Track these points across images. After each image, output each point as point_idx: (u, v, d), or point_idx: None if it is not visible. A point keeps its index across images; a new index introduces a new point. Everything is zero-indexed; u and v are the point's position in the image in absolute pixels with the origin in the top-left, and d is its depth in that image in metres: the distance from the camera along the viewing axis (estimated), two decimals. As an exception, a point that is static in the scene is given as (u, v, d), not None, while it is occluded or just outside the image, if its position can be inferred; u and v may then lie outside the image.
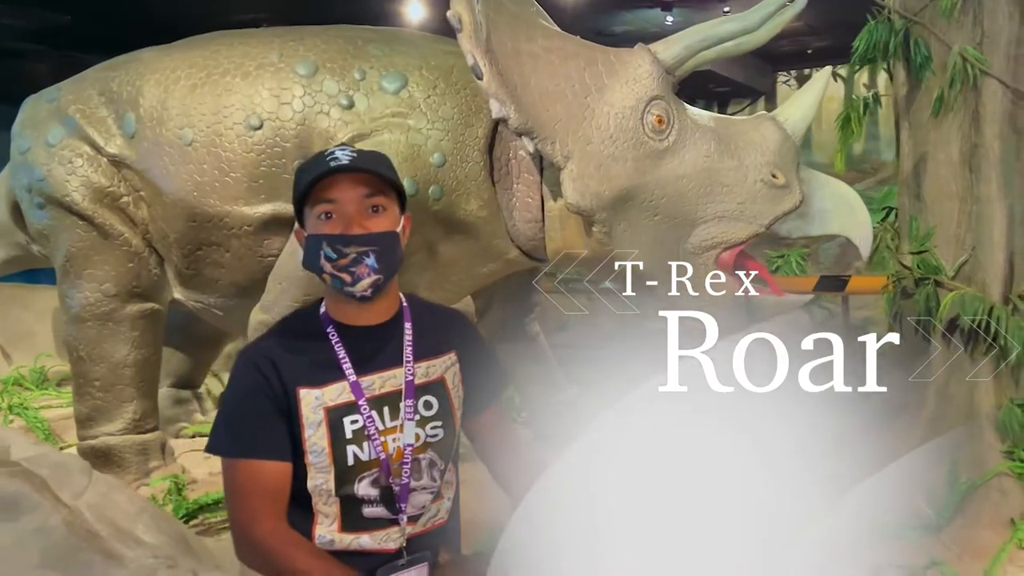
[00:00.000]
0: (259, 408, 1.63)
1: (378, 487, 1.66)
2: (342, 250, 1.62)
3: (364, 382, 1.67)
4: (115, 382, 4.21)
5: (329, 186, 1.63)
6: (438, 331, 1.79)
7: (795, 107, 3.82)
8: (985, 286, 4.19)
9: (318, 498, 1.64)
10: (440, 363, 1.75)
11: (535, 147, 3.49)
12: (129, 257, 4.15)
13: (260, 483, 1.61)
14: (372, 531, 1.66)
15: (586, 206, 3.52)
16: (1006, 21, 4.12)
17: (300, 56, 3.91)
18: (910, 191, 4.51)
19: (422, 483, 1.69)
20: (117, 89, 4.14)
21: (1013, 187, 4.18)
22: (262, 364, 1.66)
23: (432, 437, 1.70)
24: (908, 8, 4.34)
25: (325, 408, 1.63)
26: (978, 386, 4.21)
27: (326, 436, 1.63)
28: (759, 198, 3.63)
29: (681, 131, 3.64)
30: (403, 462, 1.66)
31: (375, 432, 1.65)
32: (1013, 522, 3.76)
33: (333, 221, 1.64)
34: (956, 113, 4.24)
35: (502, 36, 3.55)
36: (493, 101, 3.42)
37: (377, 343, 1.71)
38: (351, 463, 1.63)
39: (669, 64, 3.65)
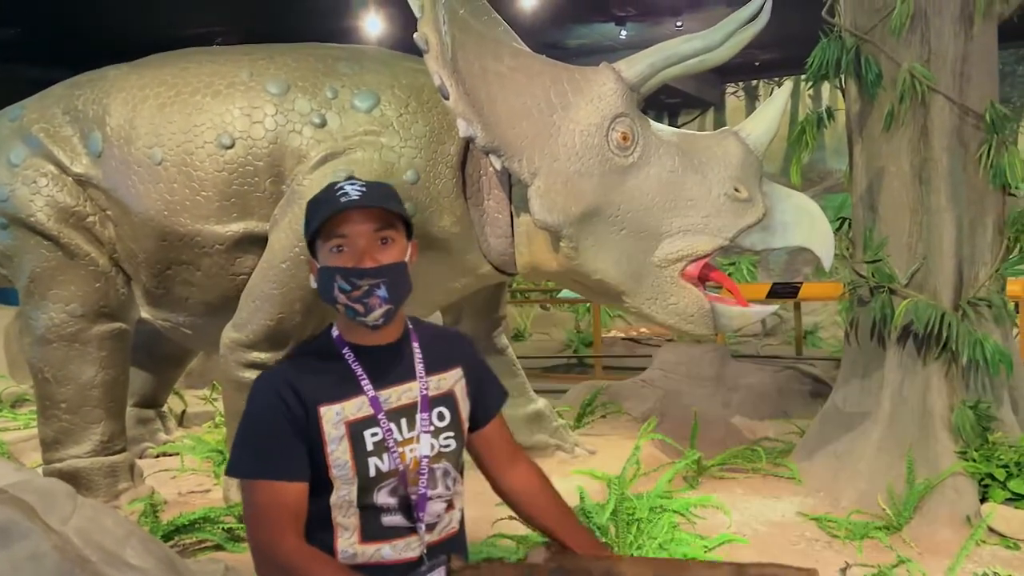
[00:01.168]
0: (278, 430, 1.66)
1: (396, 496, 1.71)
2: (355, 282, 1.67)
3: (381, 396, 1.74)
4: (82, 404, 4.14)
5: (341, 221, 1.68)
6: (443, 348, 1.86)
7: (757, 122, 3.88)
8: (936, 293, 4.38)
9: (339, 511, 1.69)
10: (449, 377, 1.83)
11: (502, 164, 3.56)
12: (96, 277, 4.09)
13: (281, 503, 1.64)
14: (392, 540, 1.71)
15: (553, 222, 3.58)
16: (952, 40, 4.33)
17: (271, 75, 3.91)
18: (863, 202, 4.69)
19: (437, 492, 1.75)
20: (82, 107, 4.08)
21: (961, 198, 4.38)
22: (281, 387, 1.69)
23: (445, 447, 1.77)
24: (859, 27, 4.52)
25: (346, 423, 1.69)
26: (931, 389, 4.39)
27: (349, 449, 1.68)
28: (723, 212, 3.70)
29: (646, 147, 3.70)
30: (420, 472, 1.72)
31: (393, 444, 1.71)
32: (969, 519, 3.92)
33: (345, 254, 1.69)
34: (906, 128, 4.43)
35: (469, 56, 3.61)
36: (460, 120, 3.47)
37: (390, 360, 1.77)
38: (373, 474, 1.69)
39: (633, 82, 3.72)
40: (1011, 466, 4.02)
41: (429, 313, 4.60)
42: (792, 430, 5.35)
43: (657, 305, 3.75)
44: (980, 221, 4.41)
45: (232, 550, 3.57)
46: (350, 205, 1.66)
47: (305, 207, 1.75)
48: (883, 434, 4.43)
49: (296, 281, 3.71)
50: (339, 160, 3.73)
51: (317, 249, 1.73)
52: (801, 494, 4.46)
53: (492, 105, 3.56)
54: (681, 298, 3.72)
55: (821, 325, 10.79)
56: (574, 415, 5.56)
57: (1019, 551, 3.77)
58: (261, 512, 1.64)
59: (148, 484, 4.41)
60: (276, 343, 3.79)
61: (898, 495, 4.11)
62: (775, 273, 13.21)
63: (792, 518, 4.17)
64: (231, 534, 3.68)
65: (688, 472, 4.60)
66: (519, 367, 4.99)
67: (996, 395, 4.33)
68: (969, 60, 4.33)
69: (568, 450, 4.88)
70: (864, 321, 4.63)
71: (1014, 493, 3.97)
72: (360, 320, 1.70)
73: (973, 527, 3.84)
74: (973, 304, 4.32)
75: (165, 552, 2.64)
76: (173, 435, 5.50)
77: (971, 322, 4.28)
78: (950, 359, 4.35)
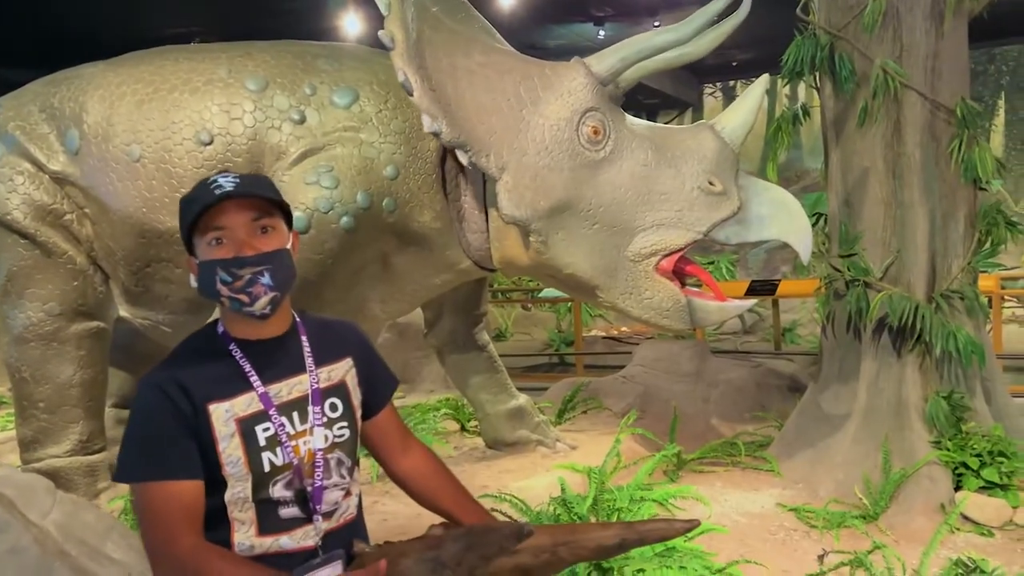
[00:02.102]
0: (167, 430, 1.64)
1: (292, 489, 1.71)
2: (236, 272, 1.65)
3: (271, 390, 1.71)
4: (61, 403, 4.11)
5: (217, 213, 1.65)
6: (333, 339, 1.86)
7: (732, 115, 3.89)
8: (910, 286, 4.45)
9: (234, 507, 1.68)
10: (339, 367, 1.83)
11: (469, 160, 3.57)
12: (74, 275, 4.07)
13: (176, 503, 1.61)
14: (290, 531, 1.72)
15: (521, 216, 3.60)
16: (923, 36, 4.40)
17: (249, 71, 3.91)
18: (838, 197, 4.75)
19: (333, 481, 1.76)
20: (59, 105, 4.06)
21: (933, 192, 4.45)
22: (167, 386, 1.66)
23: (339, 437, 1.78)
24: (833, 24, 4.58)
25: (237, 419, 1.68)
26: (906, 381, 4.46)
27: (241, 446, 1.66)
28: (697, 205, 3.71)
29: (618, 141, 3.71)
30: (315, 464, 1.73)
31: (286, 438, 1.70)
32: (943, 507, 3.98)
33: (224, 246, 1.66)
34: (880, 123, 4.49)
35: (438, 53, 3.62)
36: (425, 116, 3.49)
37: (279, 353, 1.76)
38: (267, 469, 1.69)
39: (603, 76, 3.73)
40: (984, 455, 4.09)
41: (411, 310, 4.61)
42: (771, 424, 5.40)
43: (632, 299, 3.77)
44: (952, 215, 4.48)
45: (213, 547, 3.56)
46: (224, 196, 1.64)
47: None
48: (859, 425, 4.49)
49: (277, 277, 3.70)
50: (319, 156, 3.73)
51: (195, 246, 1.70)
52: (780, 486, 4.51)
53: (460, 101, 3.58)
54: (656, 292, 3.74)
55: (799, 322, 10.89)
56: (555, 411, 5.59)
57: (992, 538, 3.84)
58: (155, 515, 1.61)
59: (128, 484, 4.38)
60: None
61: (875, 485, 4.17)
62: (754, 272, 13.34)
63: (771, 509, 4.22)
64: (212, 531, 3.66)
65: (668, 466, 4.63)
66: (500, 363, 5.01)
67: (969, 386, 4.40)
68: (940, 56, 4.40)
69: (549, 445, 4.91)
70: (840, 314, 4.69)
71: (987, 481, 4.03)
72: (247, 311, 1.67)
73: (947, 515, 3.89)
74: (946, 296, 4.39)
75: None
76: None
77: (944, 314, 4.35)
78: (924, 351, 4.42)
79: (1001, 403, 4.51)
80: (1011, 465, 4.06)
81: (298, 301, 3.92)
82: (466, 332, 4.88)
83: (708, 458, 4.90)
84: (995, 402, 4.49)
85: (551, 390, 6.20)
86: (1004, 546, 3.76)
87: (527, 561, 1.65)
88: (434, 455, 1.97)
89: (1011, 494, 4.01)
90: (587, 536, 1.72)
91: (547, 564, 1.69)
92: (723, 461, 4.87)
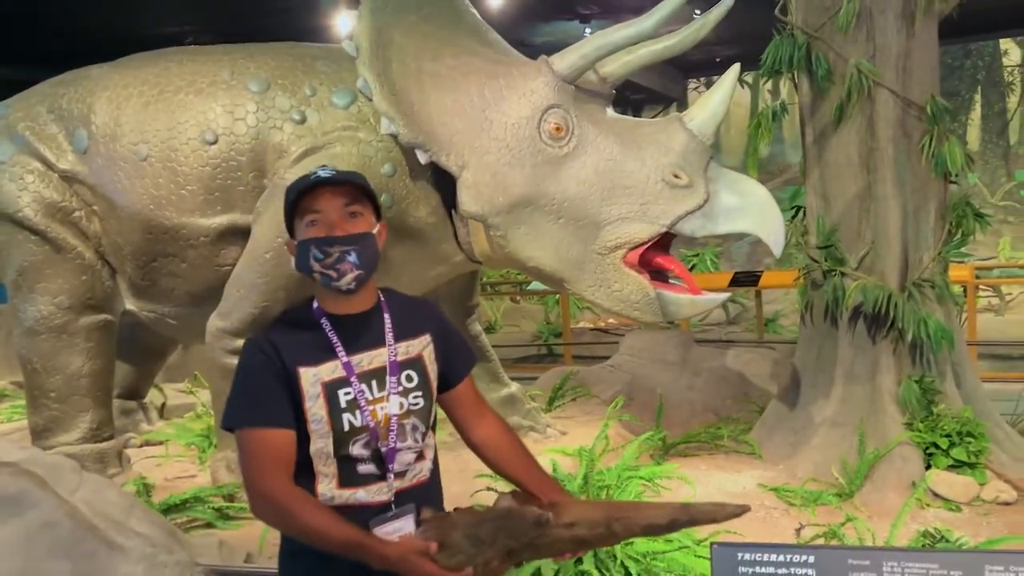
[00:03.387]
0: (266, 384, 1.86)
1: (369, 449, 1.93)
2: (327, 250, 1.86)
3: (354, 360, 1.92)
4: (71, 393, 4.28)
5: (314, 198, 1.88)
6: (413, 317, 2.07)
7: (701, 107, 3.89)
8: (884, 276, 4.65)
9: (318, 460, 1.90)
10: (417, 343, 2.03)
11: (428, 158, 3.73)
12: (82, 270, 4.24)
13: (271, 448, 1.84)
14: (366, 486, 1.93)
15: (478, 212, 3.74)
16: (895, 36, 4.59)
17: (251, 73, 4.07)
18: (815, 191, 4.95)
19: (407, 444, 1.96)
20: (67, 106, 4.22)
21: (905, 186, 4.65)
22: (266, 348, 1.89)
23: (414, 405, 1.99)
24: (809, 24, 4.78)
25: (322, 383, 1.90)
26: (880, 366, 4.67)
27: (324, 406, 1.87)
28: (661, 198, 3.71)
29: (582, 137, 3.77)
30: (390, 428, 1.94)
31: (364, 403, 1.92)
32: (915, 485, 4.20)
33: (318, 227, 1.88)
34: (854, 120, 4.69)
35: (406, 58, 3.79)
36: (384, 119, 3.67)
37: (362, 328, 1.97)
38: (346, 428, 1.90)
39: (565, 73, 3.79)
40: (953, 435, 4.30)
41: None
42: (752, 410, 5.61)
43: (601, 292, 3.83)
44: (923, 207, 4.68)
45: (223, 527, 3.74)
46: (320, 182, 1.88)
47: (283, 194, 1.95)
48: (836, 409, 4.70)
49: (279, 270, 3.88)
50: (319, 154, 3.90)
51: (295, 228, 1.94)
52: (761, 468, 4.71)
53: (423, 104, 3.74)
54: (625, 285, 3.78)
55: (782, 312, 11.13)
56: (546, 399, 5.78)
57: (960, 512, 4.06)
58: (253, 458, 1.85)
59: (136, 470, 4.55)
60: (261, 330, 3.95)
61: (850, 465, 4.38)
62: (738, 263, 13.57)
63: (752, 489, 4.42)
64: (221, 513, 3.84)
65: (654, 450, 4.83)
66: (492, 353, 5.20)
67: (939, 370, 4.61)
68: (911, 56, 4.59)
69: (540, 431, 5.10)
70: (818, 303, 4.89)
71: (956, 460, 4.25)
72: (334, 286, 1.89)
73: (916, 491, 4.11)
74: (918, 285, 4.58)
75: (166, 523, 2.81)
76: (155, 426, 5.63)
77: (916, 302, 4.55)
78: (897, 337, 4.62)
79: (970, 386, 4.73)
80: (978, 445, 4.27)
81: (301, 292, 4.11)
82: (459, 323, 5.06)
83: (692, 442, 5.10)
84: (964, 385, 4.70)
85: (541, 379, 6.39)
86: (971, 520, 3.98)
87: (583, 534, 1.84)
88: (507, 427, 2.17)
89: (978, 472, 4.24)
90: (640, 514, 1.88)
91: (601, 537, 1.87)
92: (706, 445, 5.07)
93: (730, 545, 2.05)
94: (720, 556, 2.06)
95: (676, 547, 3.15)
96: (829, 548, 2.46)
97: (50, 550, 2.29)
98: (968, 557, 1.91)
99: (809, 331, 5.03)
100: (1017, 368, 8.39)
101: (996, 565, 1.84)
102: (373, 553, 1.78)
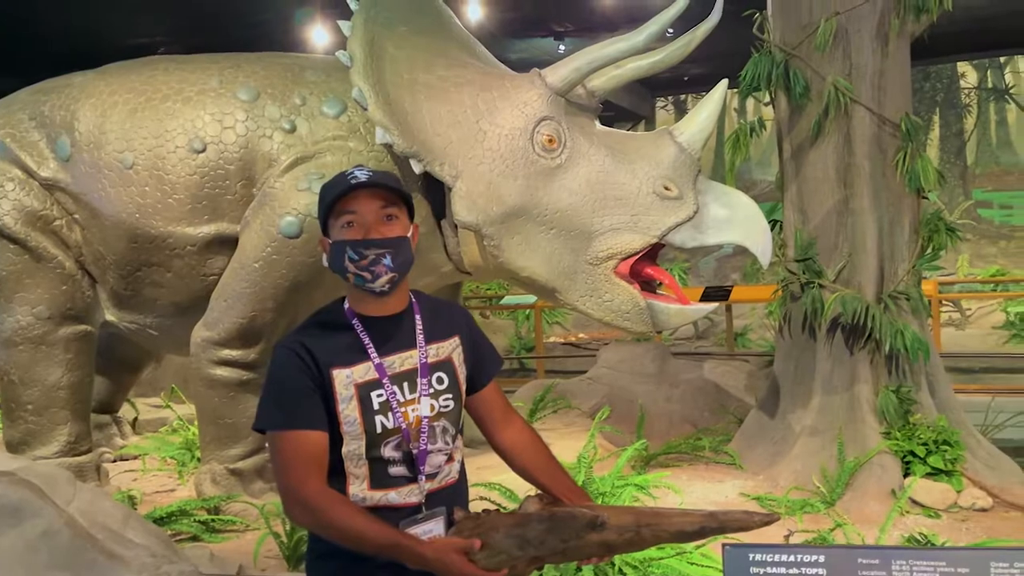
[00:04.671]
0: (300, 386, 1.85)
1: (400, 451, 1.92)
2: (363, 252, 1.86)
3: (386, 362, 1.91)
4: (48, 405, 4.20)
5: (350, 200, 1.87)
6: (443, 319, 2.07)
7: (690, 121, 3.97)
8: (861, 288, 4.76)
9: (350, 462, 1.89)
10: (447, 345, 2.03)
11: (422, 168, 3.74)
12: (63, 280, 4.17)
13: (305, 450, 1.83)
14: (397, 488, 1.92)
15: (472, 221, 3.75)
16: (870, 56, 4.73)
17: (240, 82, 4.06)
18: (793, 205, 5.05)
19: (437, 446, 1.96)
20: (49, 113, 4.16)
21: (881, 200, 4.77)
22: (299, 350, 1.88)
23: (445, 408, 1.98)
24: (787, 43, 4.89)
25: (355, 384, 1.87)
26: (858, 376, 4.77)
27: (357, 408, 1.87)
28: (652, 210, 3.78)
29: (574, 148, 3.82)
30: (421, 430, 1.94)
31: (396, 404, 1.92)
32: (894, 492, 4.29)
33: (354, 229, 1.88)
34: (831, 135, 4.80)
35: (400, 68, 3.80)
36: (378, 128, 3.67)
37: (394, 330, 1.97)
38: (379, 430, 1.90)
39: (558, 86, 3.85)
40: (930, 444, 4.40)
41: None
42: (730, 420, 5.68)
43: (592, 302, 3.87)
44: (898, 222, 4.80)
45: (209, 540, 3.68)
46: (358, 185, 1.87)
47: (318, 193, 1.94)
48: (815, 419, 4.78)
49: (268, 280, 3.85)
50: (309, 163, 3.90)
51: (329, 227, 1.93)
52: (742, 477, 4.77)
53: (416, 114, 3.75)
54: (616, 295, 3.82)
55: (750, 327, 11.29)
56: (527, 411, 5.78)
57: (939, 519, 4.15)
58: (287, 459, 1.84)
59: (114, 485, 4.47)
60: (247, 341, 3.92)
61: (831, 473, 4.45)
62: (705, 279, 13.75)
63: (735, 498, 4.47)
64: (207, 526, 3.78)
65: (635, 461, 4.87)
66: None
67: (915, 380, 4.72)
68: (886, 74, 4.72)
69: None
70: (796, 315, 4.98)
71: (933, 468, 4.35)
72: (368, 287, 1.89)
73: (897, 499, 4.19)
74: (893, 297, 4.69)
75: (162, 533, 2.77)
76: (129, 440, 5.53)
77: (892, 314, 4.66)
78: (874, 348, 4.72)
79: (944, 396, 4.84)
80: (954, 453, 4.38)
81: (290, 302, 4.08)
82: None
83: (673, 453, 5.15)
84: (938, 395, 4.81)
85: (521, 391, 6.40)
86: (950, 526, 4.07)
87: (612, 538, 1.83)
88: (533, 431, 2.15)
89: (955, 479, 4.34)
90: (670, 520, 1.88)
91: (629, 542, 1.87)
92: (687, 456, 5.12)
93: (742, 546, 2.08)
94: (732, 557, 2.08)
95: (672, 553, 3.18)
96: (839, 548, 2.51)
97: (50, 560, 2.24)
98: (974, 555, 1.96)
99: (787, 342, 5.11)
100: (979, 380, 8.61)
101: (1001, 562, 1.90)
102: (410, 553, 1.78)
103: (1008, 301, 11.11)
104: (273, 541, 3.45)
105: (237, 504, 3.94)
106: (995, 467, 4.58)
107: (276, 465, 1.88)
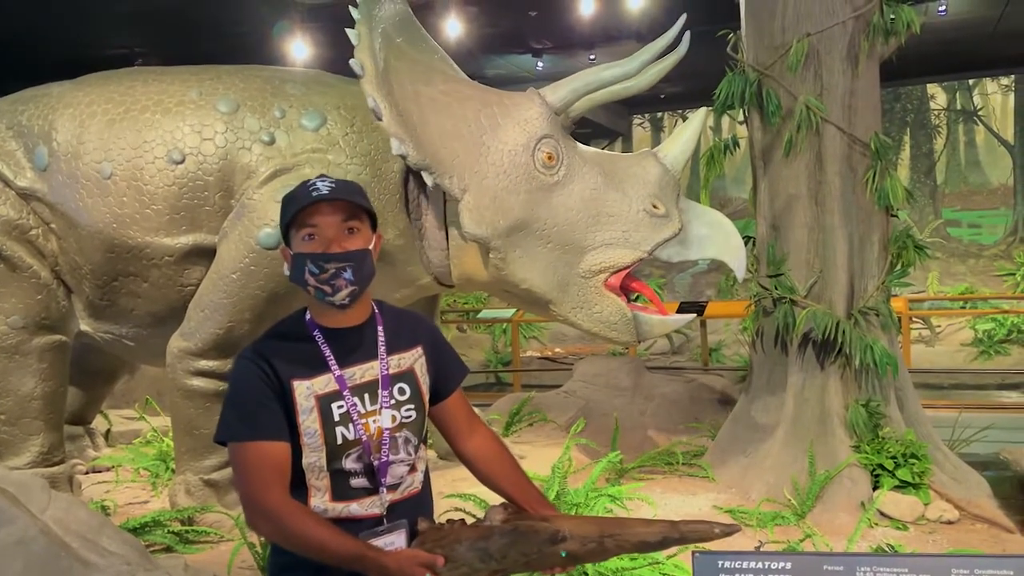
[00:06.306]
0: (261, 397, 1.86)
1: (361, 463, 1.93)
2: (323, 266, 1.86)
3: (347, 374, 1.91)
4: (22, 415, 4.17)
5: (312, 213, 1.86)
6: (406, 330, 2.06)
7: (673, 144, 4.16)
8: (832, 303, 4.85)
9: (311, 474, 1.90)
10: (409, 356, 2.03)
11: (433, 181, 3.79)
12: (38, 289, 4.15)
13: (267, 460, 1.83)
14: (359, 499, 1.92)
15: (482, 234, 3.82)
16: (841, 76, 4.84)
17: (220, 94, 4.08)
18: (766, 222, 5.14)
19: (399, 457, 1.97)
20: (27, 122, 4.15)
21: (851, 217, 4.87)
22: (259, 362, 1.88)
23: (407, 418, 1.99)
24: (760, 63, 5.00)
25: (316, 396, 1.87)
26: (828, 390, 4.85)
27: (318, 420, 1.87)
28: (642, 226, 3.95)
29: (570, 166, 3.95)
30: (382, 441, 1.94)
31: (357, 416, 1.92)
32: (863, 505, 4.36)
33: (315, 242, 1.87)
34: (803, 154, 4.90)
35: (403, 80, 3.85)
36: (393, 139, 3.70)
37: (355, 341, 1.97)
38: (339, 442, 1.90)
39: (557, 106, 3.99)
40: (898, 457, 4.48)
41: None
42: (704, 434, 5.74)
43: (583, 313, 3.99)
44: (868, 238, 4.90)
45: (183, 551, 3.67)
46: (320, 198, 1.87)
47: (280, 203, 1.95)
48: (787, 432, 4.84)
49: (246, 291, 3.86)
50: (288, 176, 3.92)
51: (291, 238, 1.93)
52: (715, 490, 4.82)
53: (424, 126, 3.80)
54: (605, 307, 3.96)
55: (724, 343, 11.39)
56: (503, 424, 5.82)
57: (907, 531, 4.22)
58: (249, 470, 1.85)
59: (87, 496, 4.44)
60: (224, 351, 3.93)
61: (802, 486, 4.51)
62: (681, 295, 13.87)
63: (708, 511, 4.52)
64: (181, 537, 3.77)
65: (609, 473, 4.91)
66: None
67: (884, 394, 4.80)
68: (856, 94, 4.84)
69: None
70: (769, 330, 5.06)
71: (901, 481, 4.42)
72: (328, 300, 1.89)
73: (866, 511, 4.26)
74: (863, 313, 4.79)
75: (137, 542, 2.76)
76: (102, 452, 5.49)
77: (862, 329, 4.75)
78: (845, 363, 4.81)
79: (912, 410, 4.93)
80: (922, 466, 4.46)
81: (267, 312, 4.09)
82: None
83: (647, 466, 5.19)
84: (907, 409, 4.89)
85: (497, 404, 6.43)
86: (917, 538, 4.14)
87: (575, 549, 1.85)
88: (498, 440, 2.16)
89: (923, 492, 4.42)
90: (632, 531, 1.91)
91: (592, 552, 1.89)
92: (661, 469, 5.17)
93: (711, 553, 2.12)
94: (701, 563, 2.13)
95: (645, 563, 3.21)
96: (805, 554, 2.56)
97: (25, 568, 2.23)
98: (936, 561, 2.01)
99: (760, 357, 5.19)
100: (947, 396, 8.75)
101: (962, 568, 1.95)
102: (373, 563, 1.78)
103: (976, 319, 11.30)
104: (248, 552, 3.45)
105: (211, 515, 3.93)
106: (962, 480, 4.67)
107: (238, 476, 1.88)
